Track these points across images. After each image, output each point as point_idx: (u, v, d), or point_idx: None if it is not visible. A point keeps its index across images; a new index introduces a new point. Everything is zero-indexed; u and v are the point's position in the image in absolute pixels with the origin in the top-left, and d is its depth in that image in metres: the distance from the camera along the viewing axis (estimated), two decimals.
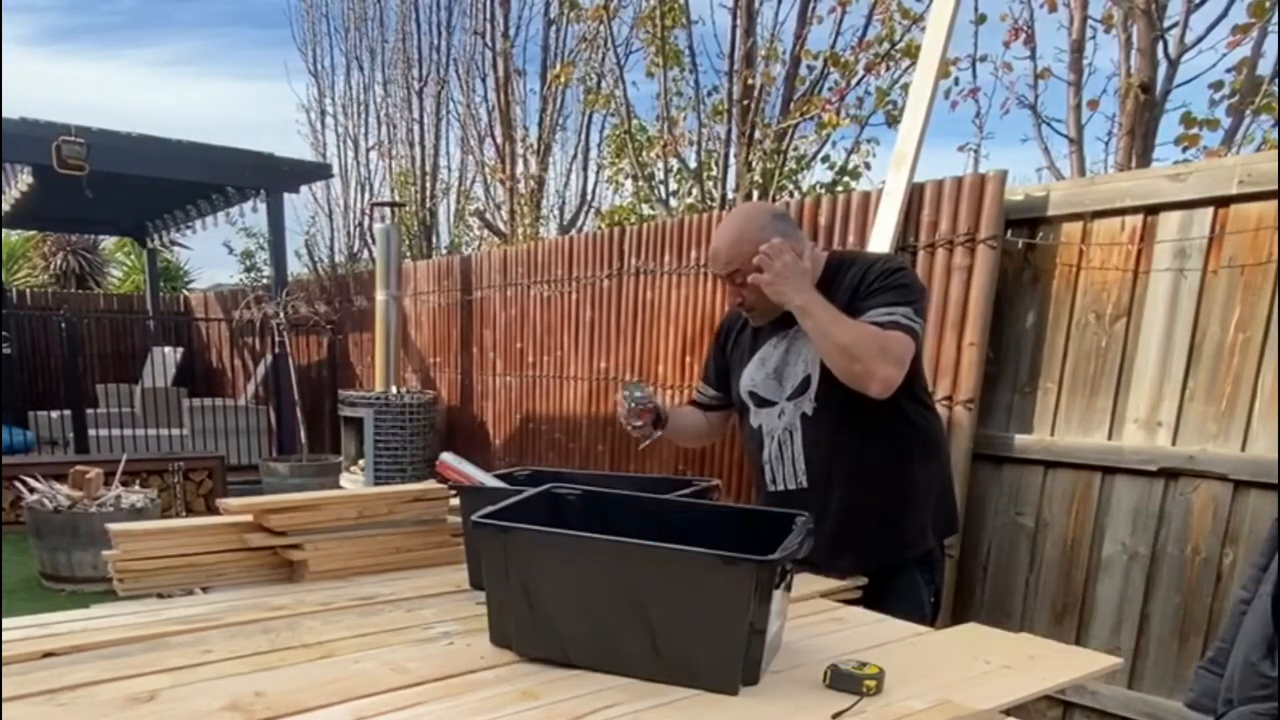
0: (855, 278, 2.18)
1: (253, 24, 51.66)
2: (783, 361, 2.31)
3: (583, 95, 7.88)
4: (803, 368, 2.25)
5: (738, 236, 2.26)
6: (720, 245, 2.28)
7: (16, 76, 41.08)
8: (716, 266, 2.31)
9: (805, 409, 2.25)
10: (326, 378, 9.00)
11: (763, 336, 2.37)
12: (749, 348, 2.42)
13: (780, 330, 2.32)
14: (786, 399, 2.29)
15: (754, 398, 2.37)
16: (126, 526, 2.02)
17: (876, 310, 2.08)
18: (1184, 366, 2.81)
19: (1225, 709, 1.52)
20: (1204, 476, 2.76)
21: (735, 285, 2.27)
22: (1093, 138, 4.55)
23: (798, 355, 2.27)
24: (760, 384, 2.35)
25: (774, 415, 2.32)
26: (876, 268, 2.18)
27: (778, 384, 2.31)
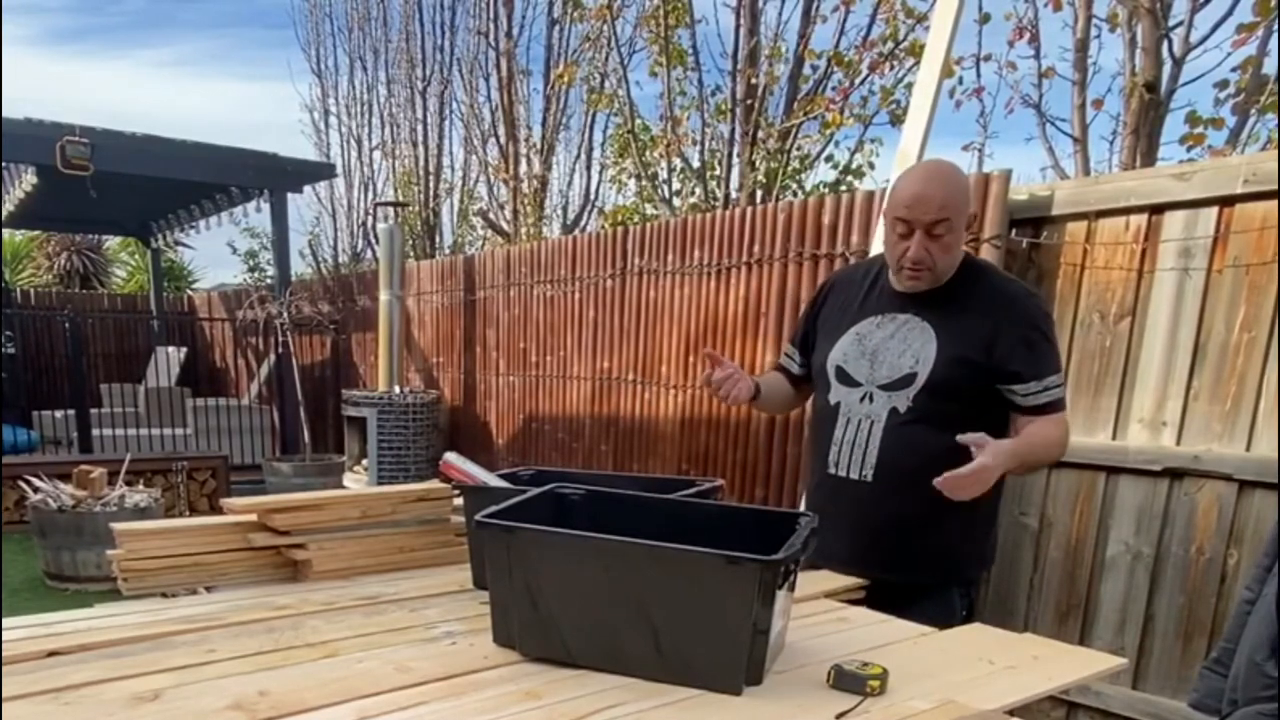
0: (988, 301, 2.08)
1: (257, 25, 51.72)
2: (883, 346, 2.16)
3: (586, 95, 7.89)
4: (910, 361, 2.11)
5: (955, 185, 2.08)
6: (933, 191, 2.04)
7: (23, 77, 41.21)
8: (923, 210, 2.02)
9: (898, 404, 2.11)
10: (330, 377, 9.01)
11: (867, 310, 2.23)
12: (846, 318, 2.26)
13: (889, 311, 2.19)
14: (879, 387, 2.15)
15: (840, 373, 2.22)
16: (130, 526, 2.02)
17: (1053, 379, 2.04)
18: (1188, 366, 2.81)
19: (1230, 709, 1.51)
20: (1208, 476, 2.75)
21: (932, 237, 2.03)
22: (1097, 137, 4.54)
23: (906, 346, 2.13)
24: (851, 360, 2.20)
25: (856, 397, 2.18)
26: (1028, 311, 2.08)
27: (870, 366, 2.17)
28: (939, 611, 2.06)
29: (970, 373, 2.06)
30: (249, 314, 8.16)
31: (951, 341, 2.08)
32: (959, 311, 2.10)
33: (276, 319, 7.94)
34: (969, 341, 2.06)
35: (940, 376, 2.07)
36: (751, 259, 4.35)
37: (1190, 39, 4.11)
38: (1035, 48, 4.59)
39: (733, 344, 4.50)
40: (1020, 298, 2.12)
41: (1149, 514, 2.91)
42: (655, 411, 5.05)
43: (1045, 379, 2.03)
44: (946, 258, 2.07)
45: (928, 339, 2.10)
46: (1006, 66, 4.76)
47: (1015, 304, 2.08)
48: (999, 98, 4.92)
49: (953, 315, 2.10)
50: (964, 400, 2.06)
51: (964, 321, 2.08)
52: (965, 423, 1.97)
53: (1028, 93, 4.66)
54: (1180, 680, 2.80)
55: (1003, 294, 2.10)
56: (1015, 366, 2.03)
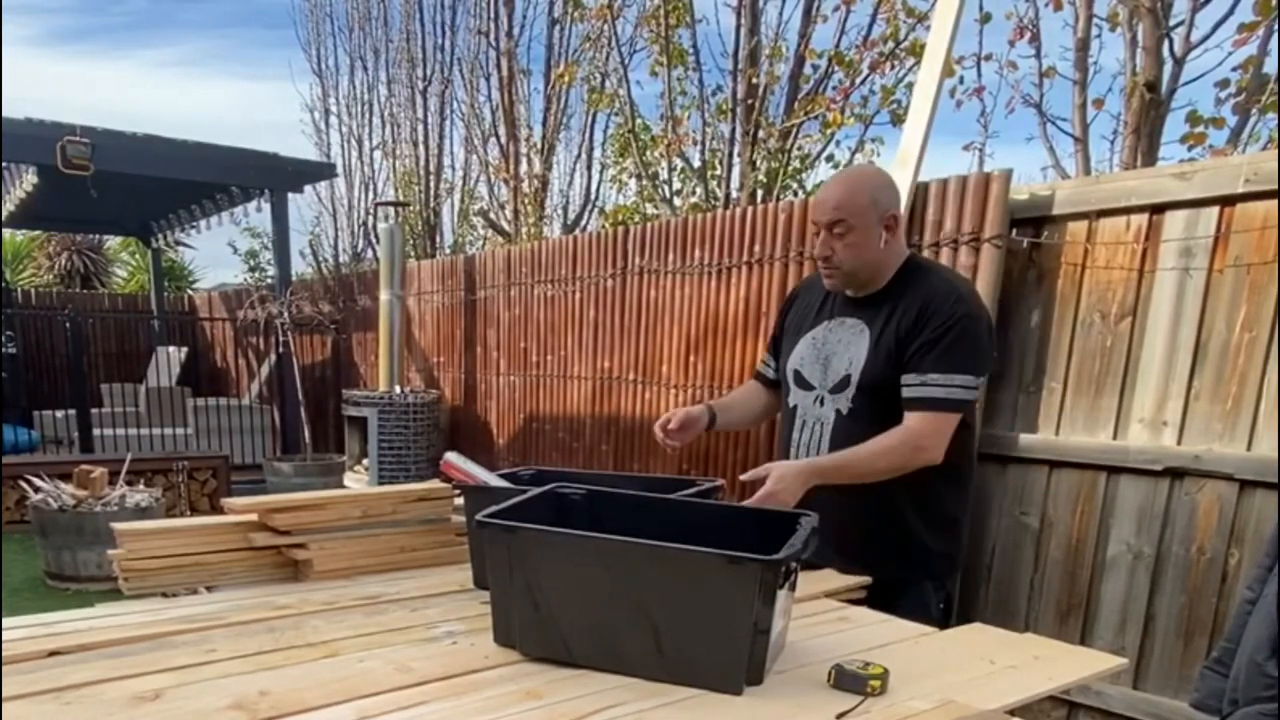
0: (916, 304, 2.13)
1: (258, 25, 51.78)
2: (832, 350, 2.25)
3: (587, 94, 7.88)
4: (845, 365, 2.21)
5: (855, 188, 2.20)
6: (832, 193, 2.20)
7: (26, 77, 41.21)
8: (821, 212, 2.19)
9: (840, 406, 2.21)
10: (330, 377, 9.01)
11: (822, 315, 2.31)
12: (805, 323, 2.36)
13: (839, 315, 2.27)
14: (828, 390, 2.24)
15: (797, 377, 2.31)
16: (131, 526, 2.03)
17: (935, 376, 2.06)
18: (1189, 366, 2.81)
19: (1230, 709, 1.51)
20: (1209, 476, 2.75)
21: (834, 236, 2.16)
22: (1098, 136, 4.53)
23: (845, 349, 2.23)
24: (808, 365, 2.30)
25: (811, 400, 2.27)
26: (942, 310, 2.10)
27: (823, 371, 2.26)
28: (914, 606, 2.12)
29: (890, 370, 2.14)
30: (250, 314, 8.16)
31: (878, 341, 2.17)
32: (891, 312, 2.18)
33: (277, 319, 7.94)
34: (894, 339, 2.14)
35: (869, 377, 2.16)
36: (752, 259, 4.35)
37: (1191, 38, 4.11)
38: (1036, 47, 4.59)
39: (733, 344, 4.50)
40: (940, 296, 2.14)
41: (1150, 514, 2.91)
42: (656, 411, 5.05)
43: (927, 374, 2.07)
44: (852, 256, 2.17)
45: (862, 341, 2.20)
46: (1007, 66, 4.76)
47: (933, 302, 2.13)
48: (1000, 97, 4.93)
49: (885, 315, 2.18)
50: (891, 396, 2.13)
51: (893, 320, 2.16)
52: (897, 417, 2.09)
53: (1028, 92, 4.66)
54: (1181, 680, 2.80)
55: (930, 293, 2.15)
56: (909, 359, 2.10)
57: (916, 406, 2.08)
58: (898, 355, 2.12)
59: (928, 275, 2.22)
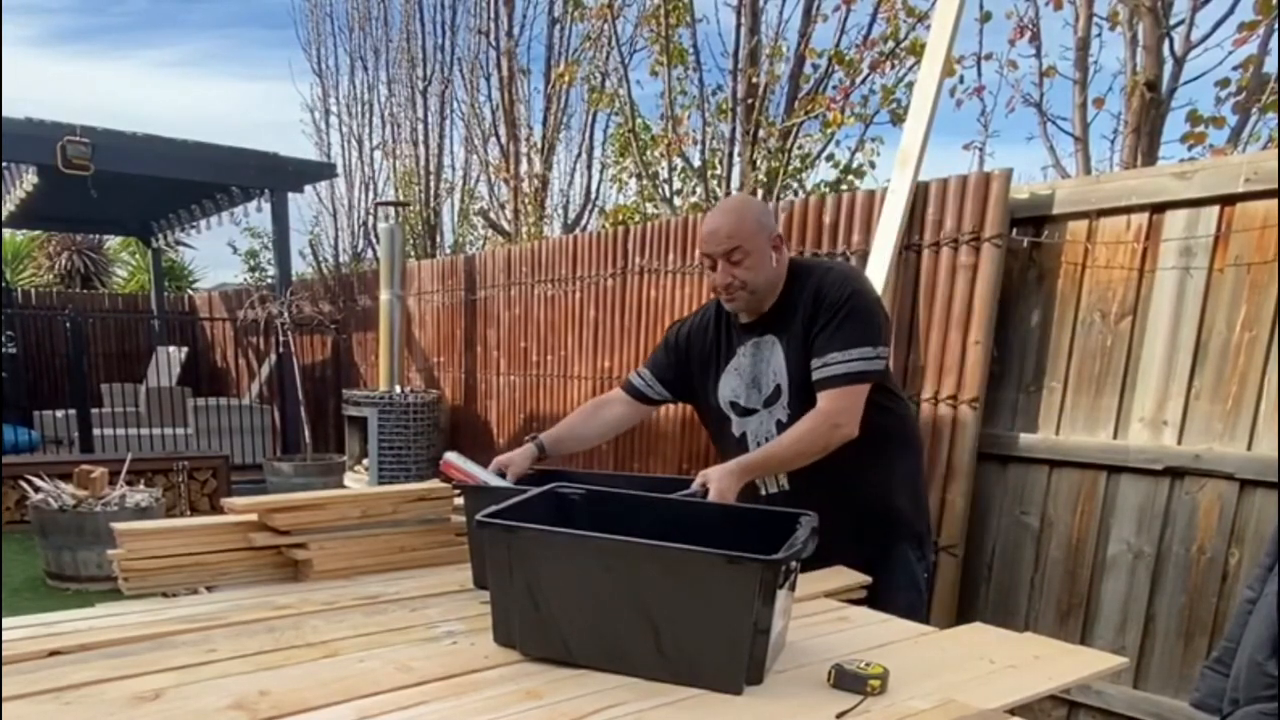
0: (809, 300, 2.22)
1: (258, 25, 51.72)
2: (756, 371, 2.34)
3: (587, 94, 7.87)
4: (772, 378, 2.30)
5: (741, 215, 2.27)
6: (722, 223, 2.26)
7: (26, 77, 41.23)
8: (715, 244, 2.25)
9: (780, 416, 2.29)
10: (330, 377, 9.01)
11: (735, 343, 2.39)
12: (719, 357, 2.43)
13: (747, 338, 2.36)
14: (763, 406, 2.33)
15: (736, 408, 2.39)
16: (131, 525, 2.03)
17: (834, 355, 2.16)
18: (1190, 365, 2.81)
19: (1231, 709, 1.51)
20: (1210, 476, 2.75)
21: (732, 264, 2.23)
22: (1098, 136, 4.53)
23: (766, 365, 2.31)
24: (741, 393, 2.37)
25: (755, 422, 2.35)
26: (829, 297, 2.20)
27: (757, 392, 2.34)
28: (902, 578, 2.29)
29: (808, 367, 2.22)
30: (250, 314, 8.16)
31: (792, 348, 2.25)
32: (789, 317, 2.26)
33: (277, 319, 7.94)
34: (800, 338, 2.23)
35: (796, 381, 2.24)
36: None
37: (1191, 38, 4.10)
38: (1036, 47, 4.59)
39: None
40: (825, 285, 2.23)
41: (1150, 513, 2.91)
42: (656, 411, 5.04)
43: (825, 355, 2.17)
44: (754, 276, 2.23)
45: (779, 352, 2.28)
46: (1007, 65, 4.75)
47: (823, 290, 2.21)
48: (1000, 97, 4.93)
49: (788, 322, 2.27)
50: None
51: (794, 325, 2.25)
52: None
53: (1029, 92, 4.65)
54: (1182, 680, 2.80)
55: (817, 284, 2.24)
56: (811, 349, 2.20)
57: (823, 386, 2.17)
58: (805, 350, 2.22)
59: (811, 271, 2.31)
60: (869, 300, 2.24)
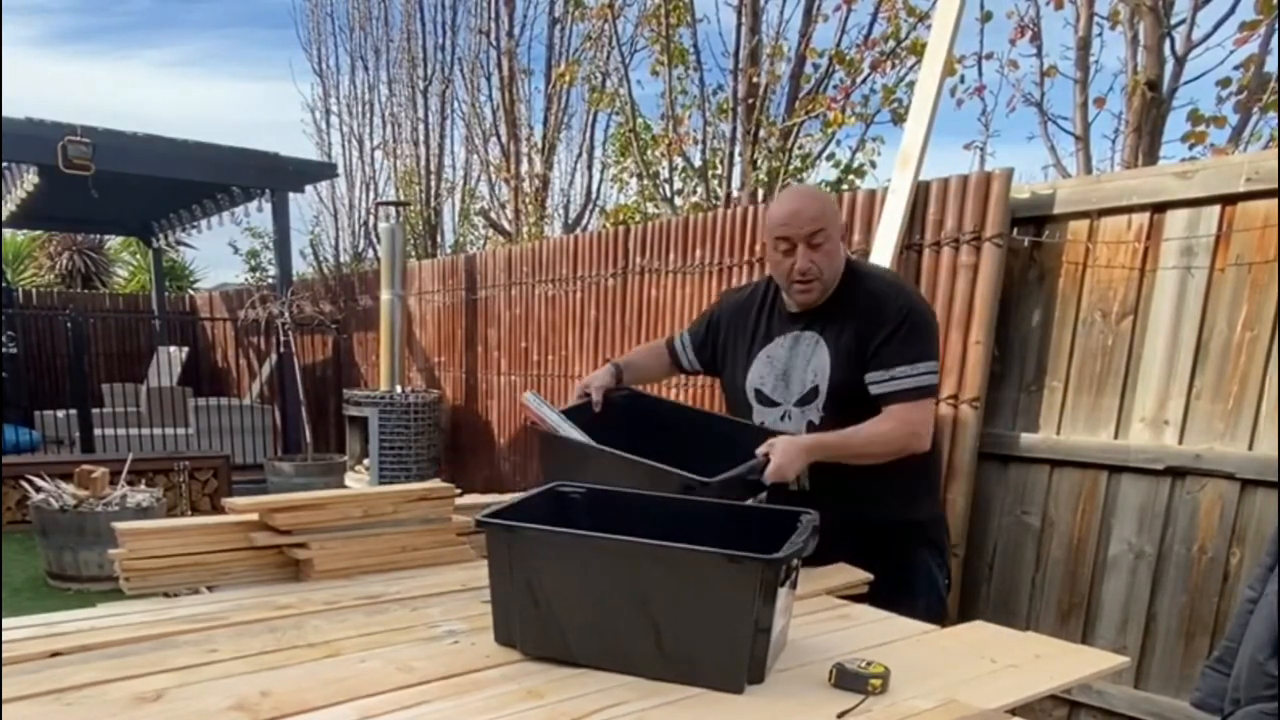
0: (865, 308, 2.20)
1: (259, 25, 51.81)
2: (789, 365, 2.31)
3: (587, 94, 7.87)
4: (811, 377, 2.27)
5: (824, 200, 2.28)
6: (805, 205, 2.23)
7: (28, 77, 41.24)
8: (798, 225, 2.18)
9: (812, 417, 2.27)
10: (331, 377, 9.01)
11: (773, 331, 2.36)
12: (753, 341, 2.40)
13: (789, 330, 2.33)
14: (793, 404, 2.30)
15: (759, 396, 2.36)
16: (132, 525, 2.03)
17: (902, 369, 2.15)
18: (1191, 365, 2.80)
19: (1232, 709, 1.51)
20: (1211, 475, 2.75)
21: (813, 248, 2.18)
22: (1099, 135, 4.52)
23: (806, 363, 2.28)
24: (769, 383, 2.34)
25: (776, 416, 2.33)
26: (890, 308, 2.19)
27: (785, 387, 2.31)
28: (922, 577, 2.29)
29: (856, 374, 2.21)
30: (250, 313, 8.16)
31: (839, 350, 2.23)
32: (841, 319, 2.25)
33: (278, 319, 7.94)
34: (852, 346, 2.21)
35: (838, 384, 2.22)
36: (753, 258, 4.35)
37: (1192, 37, 4.10)
38: (1037, 46, 4.58)
39: None
40: (885, 295, 2.24)
41: (1151, 513, 2.91)
42: None
43: (892, 369, 2.15)
44: (830, 265, 2.22)
45: (821, 352, 2.26)
46: (1008, 65, 4.75)
47: (879, 301, 2.22)
48: (1001, 96, 4.93)
49: (838, 324, 2.25)
50: (860, 399, 2.19)
51: (845, 328, 2.23)
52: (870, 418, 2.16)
53: (1029, 91, 4.65)
54: (1182, 679, 2.79)
55: (872, 293, 2.24)
56: (869, 359, 2.18)
57: (894, 399, 2.16)
58: (859, 359, 2.20)
59: (865, 277, 2.32)
60: (929, 315, 2.27)
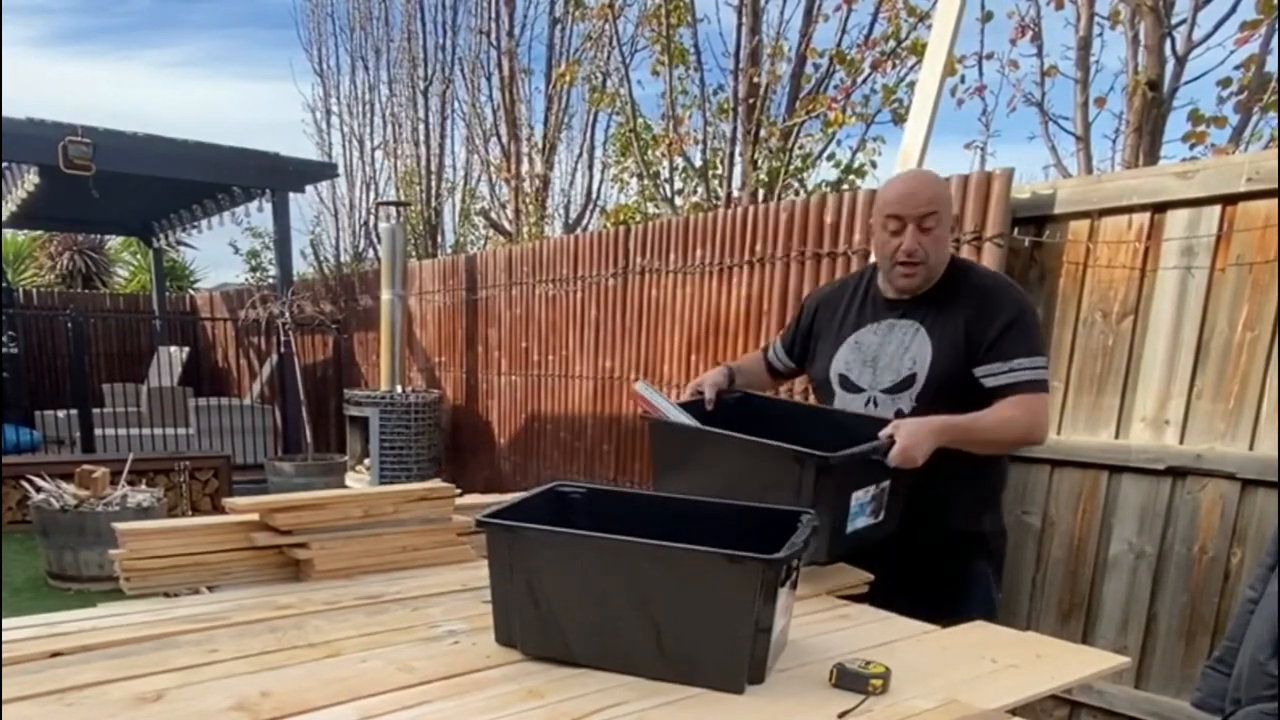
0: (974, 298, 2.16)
1: (260, 25, 51.83)
2: (881, 351, 2.25)
3: (588, 94, 7.88)
4: (909, 364, 2.20)
5: (939, 184, 2.24)
6: (921, 187, 2.19)
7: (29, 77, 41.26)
8: (913, 205, 2.13)
9: (902, 405, 2.20)
10: (332, 377, 9.01)
11: (864, 318, 2.31)
12: (843, 327, 2.35)
13: (884, 317, 2.27)
14: (881, 391, 2.23)
15: (843, 381, 2.30)
16: (133, 525, 2.03)
17: (1022, 360, 2.10)
18: (1191, 365, 2.80)
19: (1233, 709, 1.51)
20: (1211, 475, 2.75)
21: (923, 230, 2.13)
22: (1100, 135, 4.53)
23: (902, 351, 2.21)
24: (854, 368, 2.28)
25: (861, 403, 2.26)
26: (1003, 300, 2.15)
27: (872, 372, 2.25)
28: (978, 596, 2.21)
29: (961, 366, 2.15)
30: (251, 314, 8.16)
31: (942, 339, 2.17)
32: (945, 309, 2.19)
33: (278, 319, 7.94)
34: (956, 337, 2.15)
35: (938, 374, 2.16)
36: (754, 258, 4.35)
37: (1193, 37, 4.10)
38: (1037, 46, 4.59)
39: (734, 343, 4.50)
40: (997, 289, 2.21)
41: (1152, 513, 2.90)
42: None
43: (1011, 361, 2.10)
44: (937, 251, 2.16)
45: (922, 340, 2.20)
46: (1009, 65, 4.75)
47: (992, 295, 2.17)
48: (1001, 96, 4.93)
49: (942, 314, 2.19)
50: (962, 393, 2.14)
51: (951, 319, 2.17)
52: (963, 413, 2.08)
53: (1030, 91, 4.65)
54: (1183, 679, 2.79)
55: (982, 287, 2.20)
56: (984, 352, 2.13)
57: (1014, 391, 2.09)
58: (966, 351, 2.13)
59: (974, 272, 2.28)
60: (1035, 312, 2.23)
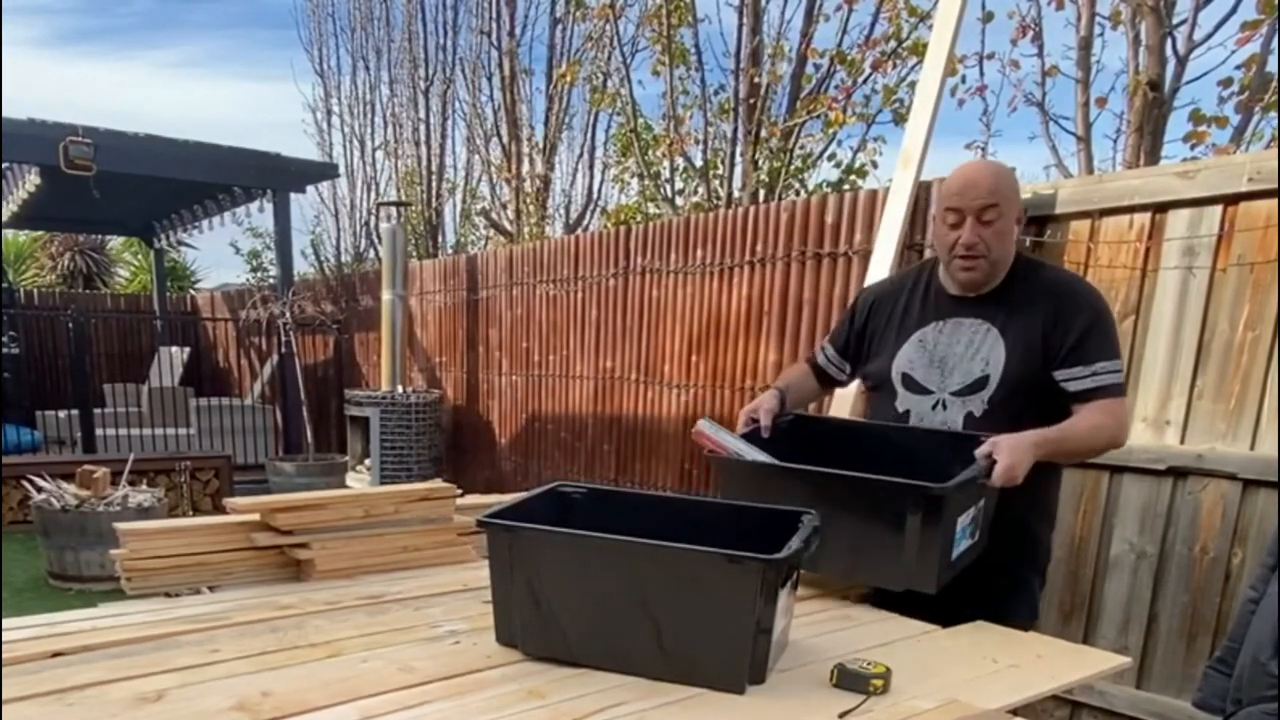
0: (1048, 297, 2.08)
1: (261, 25, 51.89)
2: (950, 352, 2.16)
3: (589, 94, 7.88)
4: (980, 366, 2.11)
5: (1003, 174, 2.12)
6: (982, 176, 2.08)
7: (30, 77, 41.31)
8: (973, 196, 2.05)
9: (973, 409, 2.11)
10: (333, 377, 9.02)
11: (927, 316, 2.21)
12: (904, 324, 2.25)
13: (949, 316, 2.18)
14: (951, 393, 2.14)
15: (907, 380, 2.21)
16: (134, 525, 2.03)
17: (1103, 364, 2.03)
18: (1192, 365, 2.80)
19: (1234, 709, 1.51)
20: (1212, 475, 2.75)
21: (983, 223, 2.04)
22: (1101, 135, 4.51)
23: (973, 352, 2.13)
24: (920, 368, 2.19)
25: (928, 405, 2.17)
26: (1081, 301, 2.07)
27: (940, 374, 2.16)
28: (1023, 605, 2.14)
29: (1037, 368, 2.06)
30: (252, 314, 8.17)
31: (1017, 340, 2.08)
32: (1019, 309, 2.10)
33: (279, 319, 7.95)
34: (1031, 337, 2.07)
35: (1013, 376, 2.07)
36: (754, 258, 4.35)
37: (1194, 37, 4.10)
38: (1038, 46, 4.58)
39: (735, 343, 4.50)
40: (1074, 290, 2.12)
41: (1153, 513, 2.90)
42: (658, 411, 5.05)
43: (1094, 364, 2.02)
44: (1000, 245, 2.07)
45: (994, 341, 2.10)
46: (1009, 65, 4.74)
47: (1068, 295, 2.08)
48: (1002, 96, 4.90)
49: (1014, 314, 2.10)
50: (1036, 395, 2.07)
51: (1024, 319, 2.08)
52: (1039, 417, 2.01)
53: (1031, 91, 4.64)
54: (1184, 680, 2.79)
55: (1056, 286, 2.11)
56: (1065, 354, 2.04)
57: (1098, 395, 2.03)
58: (1043, 352, 2.06)
59: (1047, 270, 2.20)
60: (1111, 311, 2.16)
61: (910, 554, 1.80)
